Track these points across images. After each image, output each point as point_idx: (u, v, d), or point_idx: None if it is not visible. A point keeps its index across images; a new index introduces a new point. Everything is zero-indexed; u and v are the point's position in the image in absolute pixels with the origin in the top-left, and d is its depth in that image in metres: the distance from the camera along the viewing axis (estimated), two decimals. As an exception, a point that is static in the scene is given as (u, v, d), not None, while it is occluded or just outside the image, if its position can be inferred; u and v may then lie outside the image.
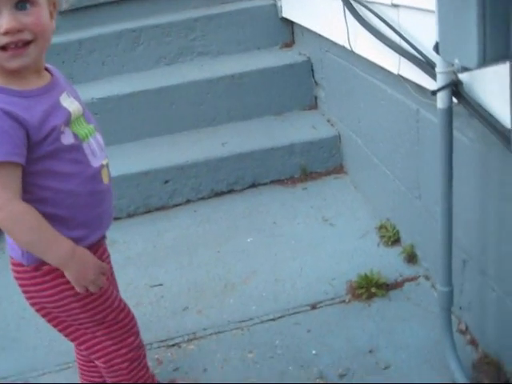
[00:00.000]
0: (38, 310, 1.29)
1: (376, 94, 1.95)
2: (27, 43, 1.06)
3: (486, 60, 0.90)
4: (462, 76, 1.21)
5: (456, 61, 0.97)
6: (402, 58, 1.53)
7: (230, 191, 2.50)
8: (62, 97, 1.19)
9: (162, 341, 1.71)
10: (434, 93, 1.20)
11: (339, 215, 2.21)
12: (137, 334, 1.36)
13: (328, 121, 2.63)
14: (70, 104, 1.20)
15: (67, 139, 1.15)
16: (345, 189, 2.40)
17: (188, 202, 2.48)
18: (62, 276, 1.19)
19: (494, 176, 1.28)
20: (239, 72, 2.74)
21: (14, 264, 1.24)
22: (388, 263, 1.87)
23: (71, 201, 1.18)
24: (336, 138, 2.49)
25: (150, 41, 2.99)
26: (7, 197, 1.07)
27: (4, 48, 1.05)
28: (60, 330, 1.32)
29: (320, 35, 2.46)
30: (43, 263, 1.18)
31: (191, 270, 2.02)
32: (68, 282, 1.20)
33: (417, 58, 1.41)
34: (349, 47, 1.98)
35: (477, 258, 1.44)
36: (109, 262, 1.41)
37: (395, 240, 1.97)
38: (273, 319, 1.73)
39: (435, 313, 1.60)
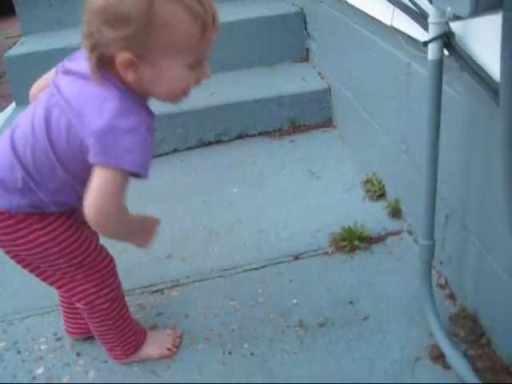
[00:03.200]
0: (12, 257, 1.30)
1: (368, 46, 1.92)
2: None
3: (478, 9, 0.88)
4: (455, 28, 1.19)
5: (448, 9, 0.95)
6: (396, 9, 1.50)
7: (218, 142, 2.49)
8: None
9: (145, 287, 1.72)
10: (425, 44, 1.18)
11: (326, 168, 2.21)
12: (116, 274, 1.38)
13: (319, 74, 2.60)
14: None
15: None
16: (333, 142, 2.39)
17: (175, 151, 2.47)
18: (37, 222, 1.20)
19: (481, 131, 1.27)
20: (229, 20, 2.68)
21: None
22: (372, 217, 1.88)
23: None
24: (326, 91, 2.47)
25: (140, -15, 2.90)
26: (120, 199, 1.13)
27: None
28: (37, 275, 1.34)
29: (314, -16, 2.41)
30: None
31: (176, 219, 2.02)
32: (43, 228, 1.20)
33: (410, 8, 1.38)
34: (342, -4, 1.94)
35: (459, 213, 1.45)
36: None
37: (380, 194, 1.97)
38: (256, 268, 1.74)
39: (416, 267, 1.62)
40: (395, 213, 1.87)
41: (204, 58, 1.12)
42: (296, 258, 1.76)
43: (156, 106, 2.63)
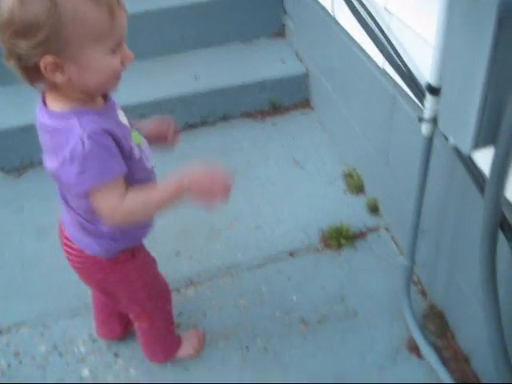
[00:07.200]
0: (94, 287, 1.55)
1: (352, 51, 2.01)
2: None
3: (478, 145, 1.08)
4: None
5: (451, 138, 1.13)
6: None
7: (203, 123, 2.65)
8: (119, 114, 1.26)
9: (161, 285, 1.96)
10: (420, 120, 1.38)
11: (308, 157, 2.44)
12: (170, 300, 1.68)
13: (296, 54, 2.73)
14: (123, 119, 1.26)
15: (137, 153, 1.24)
16: (312, 127, 2.60)
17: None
18: (129, 260, 1.42)
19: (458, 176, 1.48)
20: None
21: (85, 257, 1.36)
22: (353, 213, 2.16)
23: None
24: (304, 74, 2.63)
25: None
26: (118, 202, 1.17)
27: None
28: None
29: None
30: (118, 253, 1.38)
31: (176, 212, 2.20)
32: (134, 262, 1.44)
33: (402, 69, 1.56)
34: (331, 13, 2.05)
35: (435, 230, 1.71)
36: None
37: (360, 189, 2.23)
38: (258, 266, 2.00)
39: (394, 264, 1.93)
40: (373, 209, 2.14)
41: (121, 41, 1.12)
42: (291, 254, 2.03)
43: (145, 93, 2.68)
